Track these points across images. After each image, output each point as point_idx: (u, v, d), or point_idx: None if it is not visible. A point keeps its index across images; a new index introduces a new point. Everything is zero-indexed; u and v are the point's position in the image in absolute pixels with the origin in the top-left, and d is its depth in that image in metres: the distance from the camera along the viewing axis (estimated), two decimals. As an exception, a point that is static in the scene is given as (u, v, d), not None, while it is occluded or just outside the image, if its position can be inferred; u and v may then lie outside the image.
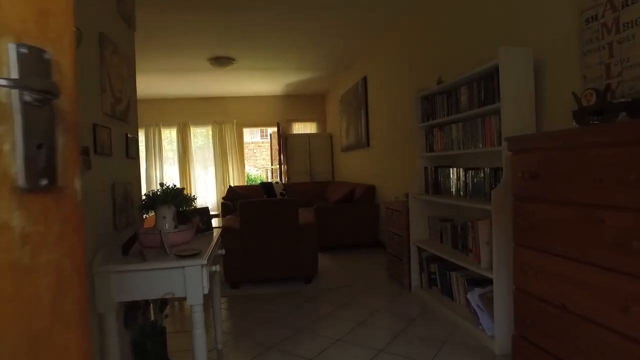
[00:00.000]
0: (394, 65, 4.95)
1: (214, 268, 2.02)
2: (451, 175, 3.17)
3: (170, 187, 2.13)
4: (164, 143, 8.56)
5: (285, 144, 8.35)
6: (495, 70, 2.47)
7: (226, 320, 3.20)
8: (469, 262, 2.78)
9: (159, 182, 8.39)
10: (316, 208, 5.47)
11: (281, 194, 7.50)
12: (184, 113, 8.58)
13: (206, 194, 8.77)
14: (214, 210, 8.23)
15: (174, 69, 6.30)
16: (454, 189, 3.14)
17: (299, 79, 7.45)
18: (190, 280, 1.78)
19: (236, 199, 7.30)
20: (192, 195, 2.24)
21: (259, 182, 9.10)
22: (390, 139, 5.18)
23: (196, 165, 8.73)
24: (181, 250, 1.90)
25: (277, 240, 3.97)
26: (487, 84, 2.61)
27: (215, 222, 5.98)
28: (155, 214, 2.14)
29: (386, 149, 5.35)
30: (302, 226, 4.06)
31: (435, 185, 3.43)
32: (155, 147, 8.43)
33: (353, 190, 5.72)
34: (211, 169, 8.73)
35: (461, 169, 3.02)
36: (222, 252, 2.46)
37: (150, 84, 7.22)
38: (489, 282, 2.73)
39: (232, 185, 8.33)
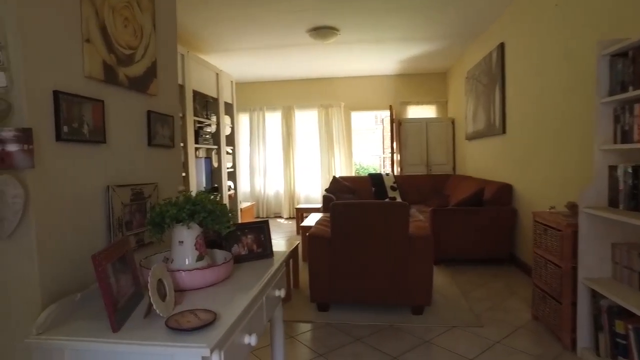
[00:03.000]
0: (548, 19, 3.54)
1: (246, 340, 1.18)
2: (670, 182, 1.87)
3: (190, 195, 1.34)
4: (268, 128, 8.12)
5: (399, 129, 7.28)
6: None
7: (301, 365, 2.39)
8: None
9: (262, 171, 8.07)
10: (433, 210, 4.37)
11: (392, 187, 6.54)
12: (289, 96, 8.03)
13: (310, 184, 8.16)
14: (317, 203, 7.57)
15: (273, 45, 5.68)
16: (676, 207, 1.83)
17: (414, 53, 6.28)
18: (182, 381, 0.97)
19: (340, 192, 6.53)
20: (231, 210, 1.43)
21: (368, 173, 8.19)
22: (537, 123, 3.80)
23: (301, 153, 8.14)
24: (183, 314, 1.09)
25: (379, 254, 3.03)
26: None
27: (313, 219, 5.26)
28: (172, 237, 1.38)
29: (531, 137, 3.97)
30: (414, 237, 3.04)
31: (633, 196, 2.13)
32: (259, 133, 8.06)
33: (482, 189, 4.46)
34: (317, 157, 8.06)
35: (699, 174, 1.71)
36: (281, 293, 1.62)
37: (251, 64, 6.76)
38: None
39: (338, 175, 7.58)
